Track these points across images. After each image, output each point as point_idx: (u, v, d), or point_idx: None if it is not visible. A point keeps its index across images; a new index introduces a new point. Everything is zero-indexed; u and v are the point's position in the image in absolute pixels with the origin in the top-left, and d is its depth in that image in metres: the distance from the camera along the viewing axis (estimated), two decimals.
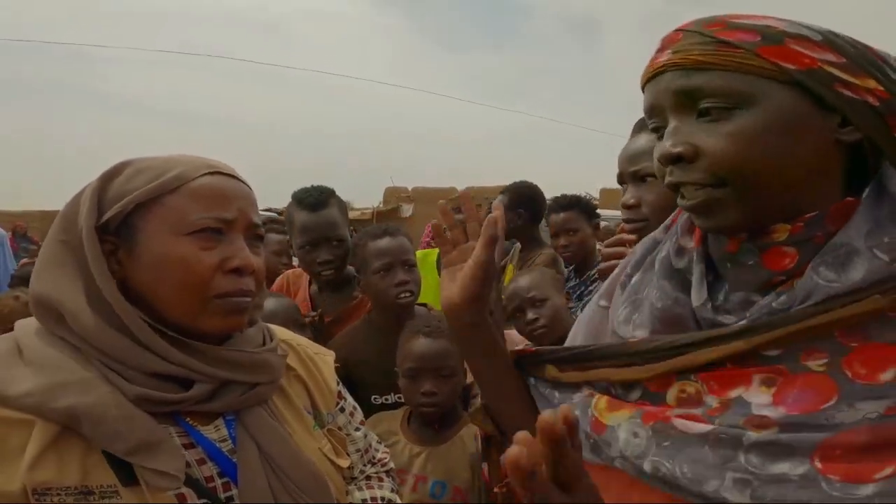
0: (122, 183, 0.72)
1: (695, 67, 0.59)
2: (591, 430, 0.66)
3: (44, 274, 0.71)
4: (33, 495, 0.60)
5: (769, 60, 0.57)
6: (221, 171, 0.75)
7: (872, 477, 0.50)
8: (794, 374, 0.56)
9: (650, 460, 0.60)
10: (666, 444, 0.60)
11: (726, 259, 0.64)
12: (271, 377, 0.78)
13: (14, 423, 0.62)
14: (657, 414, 0.62)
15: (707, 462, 0.57)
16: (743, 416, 0.57)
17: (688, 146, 0.60)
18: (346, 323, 1.67)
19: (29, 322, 0.72)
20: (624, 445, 0.62)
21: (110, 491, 0.63)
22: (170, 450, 0.66)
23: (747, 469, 0.54)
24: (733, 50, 0.58)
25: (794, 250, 0.59)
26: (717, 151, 0.59)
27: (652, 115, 0.65)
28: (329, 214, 1.68)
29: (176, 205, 0.70)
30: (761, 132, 0.57)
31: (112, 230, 0.71)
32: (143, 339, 0.68)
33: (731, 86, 0.58)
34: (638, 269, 0.75)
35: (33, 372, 0.65)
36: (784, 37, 0.57)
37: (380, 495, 0.93)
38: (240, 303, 0.72)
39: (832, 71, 0.57)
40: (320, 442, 0.83)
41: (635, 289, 0.72)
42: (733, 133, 0.58)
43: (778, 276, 0.60)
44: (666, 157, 0.61)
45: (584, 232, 2.18)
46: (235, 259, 0.71)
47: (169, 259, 0.69)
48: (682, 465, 0.58)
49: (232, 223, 0.73)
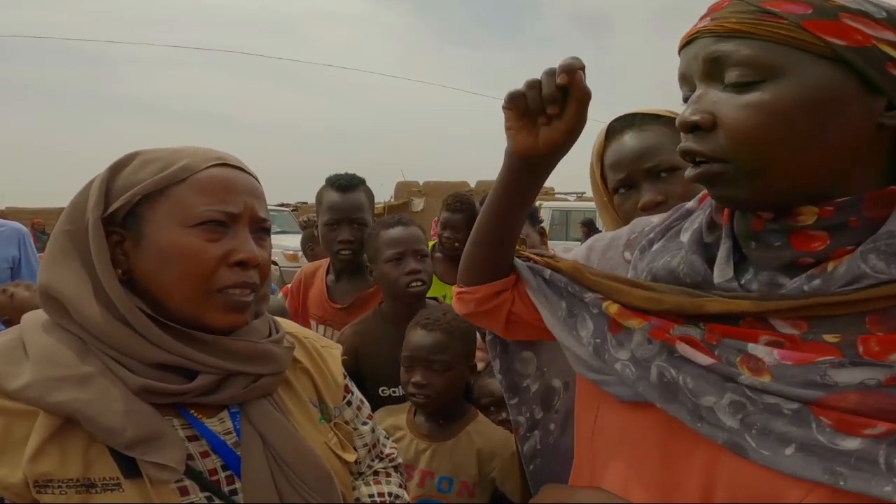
0: (129, 174, 0.71)
1: (727, 35, 0.57)
2: (607, 329, 0.67)
3: (50, 266, 0.70)
4: (34, 487, 0.60)
5: (812, 34, 0.54)
6: (228, 163, 0.74)
7: (862, 432, 0.50)
8: (805, 342, 0.55)
9: (657, 365, 0.61)
10: (672, 360, 0.61)
11: (751, 237, 0.61)
12: (276, 368, 0.77)
13: (17, 413, 0.62)
14: (662, 333, 0.62)
15: (709, 380, 0.58)
16: (739, 353, 0.57)
17: (706, 115, 0.58)
18: (362, 310, 1.69)
19: (35, 315, 0.72)
20: (636, 347, 0.63)
21: (113, 484, 0.62)
22: (171, 442, 0.65)
23: (745, 393, 0.55)
24: (774, 20, 0.55)
25: (824, 234, 0.56)
26: (734, 122, 0.56)
27: (683, 82, 0.63)
28: (356, 197, 1.76)
29: (182, 196, 0.70)
30: (786, 107, 0.54)
31: (119, 221, 0.71)
32: (142, 329, 0.67)
33: (760, 55, 0.55)
34: (660, 235, 0.72)
35: (34, 366, 0.64)
36: (839, 11, 0.54)
37: (387, 491, 0.92)
38: (242, 301, 0.72)
39: (887, 50, 0.53)
40: (326, 436, 0.82)
41: (653, 257, 0.69)
42: (754, 104, 0.55)
43: (805, 256, 0.57)
44: (683, 125, 0.59)
45: (532, 238, 1.96)
46: (240, 252, 0.71)
47: (174, 250, 0.69)
48: (685, 376, 0.59)
49: (237, 216, 0.72)
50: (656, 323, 0.63)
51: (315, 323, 1.83)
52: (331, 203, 1.76)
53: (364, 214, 1.75)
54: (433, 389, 1.26)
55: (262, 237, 0.76)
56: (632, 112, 1.04)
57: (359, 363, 1.46)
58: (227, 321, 0.71)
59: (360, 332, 1.54)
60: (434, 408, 1.30)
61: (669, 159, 0.97)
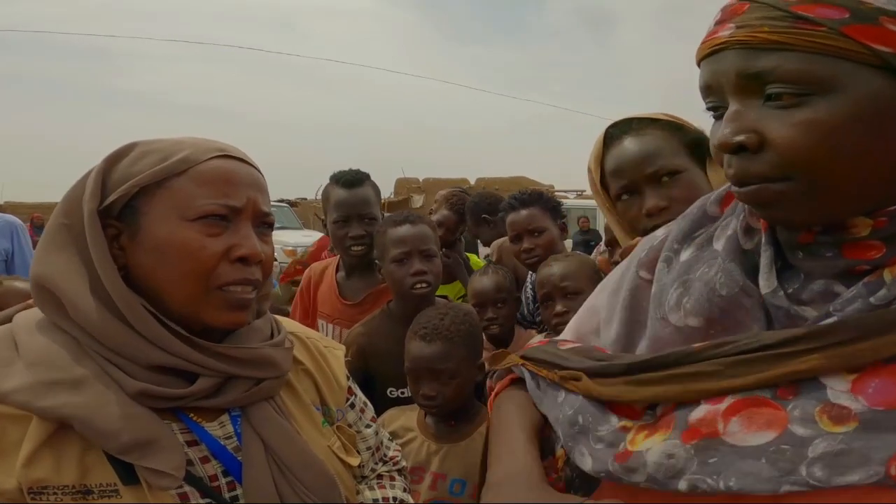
0: (127, 165, 0.68)
1: (763, 47, 0.52)
2: (612, 461, 0.58)
3: (44, 257, 0.67)
4: (29, 494, 0.58)
5: (857, 41, 0.50)
6: (231, 154, 0.71)
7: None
8: (885, 364, 0.49)
9: (687, 479, 0.52)
10: (712, 460, 0.52)
11: (798, 248, 0.57)
12: (276, 372, 0.74)
13: (11, 418, 0.60)
14: (701, 429, 0.53)
15: (761, 476, 0.49)
16: (818, 401, 0.49)
17: (752, 135, 0.53)
18: (373, 306, 1.67)
19: (29, 314, 0.70)
20: (654, 469, 0.54)
21: (110, 490, 0.60)
22: (169, 447, 0.63)
23: (808, 483, 0.48)
24: (813, 27, 0.51)
25: (880, 244, 0.53)
26: (787, 142, 0.51)
27: (709, 93, 0.58)
28: (363, 193, 1.73)
29: (182, 189, 0.67)
30: (843, 123, 0.50)
31: (115, 214, 0.68)
32: (143, 329, 0.64)
33: (806, 69, 0.51)
34: (686, 243, 0.67)
35: (25, 367, 0.62)
36: (879, 14, 0.50)
37: (391, 495, 0.90)
38: (243, 298, 0.69)
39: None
40: (329, 439, 0.80)
41: (686, 268, 0.64)
42: (807, 122, 0.51)
43: (862, 264, 0.53)
44: (726, 146, 0.54)
45: (551, 231, 1.80)
46: (242, 248, 0.68)
47: (172, 245, 0.66)
48: (727, 479, 0.50)
49: (239, 210, 0.69)
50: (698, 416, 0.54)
51: (325, 322, 1.80)
52: (338, 200, 1.73)
53: (373, 209, 1.73)
54: (443, 398, 1.24)
55: (265, 232, 0.74)
56: (628, 117, 1.04)
57: (367, 364, 1.45)
58: (228, 319, 0.69)
59: (367, 332, 1.51)
60: (446, 413, 1.28)
61: (670, 163, 0.96)
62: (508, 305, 1.70)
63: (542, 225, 1.80)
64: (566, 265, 1.45)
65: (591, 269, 1.48)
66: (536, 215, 1.81)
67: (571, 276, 1.42)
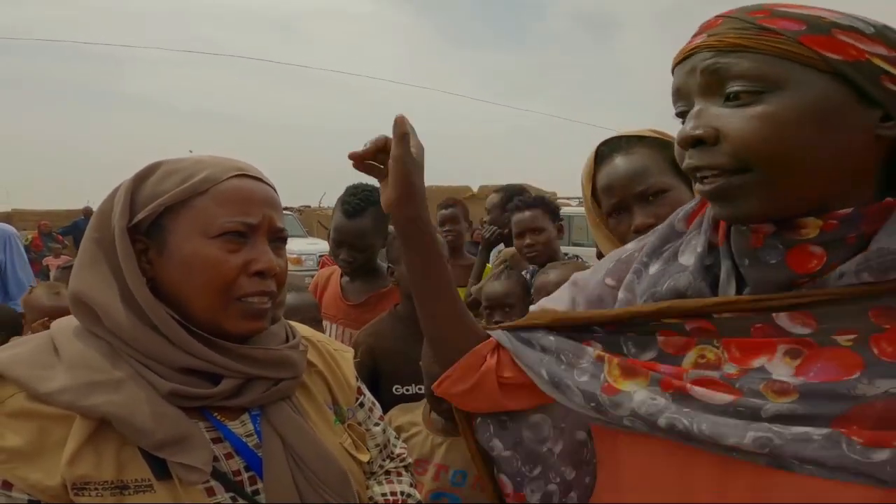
0: (153, 184, 0.74)
1: (728, 49, 0.57)
2: (600, 392, 0.66)
3: (80, 272, 0.73)
4: (73, 490, 0.62)
5: (810, 48, 0.55)
6: (248, 174, 0.77)
7: (892, 443, 0.51)
8: (822, 348, 0.56)
9: (666, 416, 0.60)
10: (686, 409, 0.60)
11: (746, 255, 0.61)
12: (293, 373, 0.80)
13: (55, 418, 0.64)
14: (673, 383, 0.62)
15: (728, 423, 0.57)
16: (762, 380, 0.57)
17: (709, 129, 0.58)
18: (375, 308, 1.78)
19: (66, 321, 0.75)
20: (639, 405, 0.62)
21: (145, 485, 0.64)
22: (199, 444, 0.68)
23: (770, 429, 0.55)
24: (774, 35, 0.56)
25: (821, 251, 0.57)
26: (742, 133, 0.56)
27: (678, 98, 0.63)
28: (359, 224, 1.81)
29: (204, 208, 0.72)
30: (792, 118, 0.55)
31: (143, 230, 0.73)
32: (171, 335, 0.70)
33: (763, 68, 0.56)
34: (654, 257, 0.73)
35: (67, 370, 0.67)
36: (832, 27, 0.56)
37: (399, 490, 0.95)
38: (260, 308, 0.74)
39: (880, 64, 0.55)
40: (341, 436, 0.85)
41: (654, 281, 0.70)
42: (761, 115, 0.56)
43: (801, 278, 0.59)
44: (686, 140, 0.60)
45: (550, 232, 2.10)
46: (259, 262, 0.73)
47: (196, 260, 0.71)
48: (700, 424, 0.58)
49: (256, 227, 0.74)
50: (667, 370, 0.63)
51: (328, 322, 1.90)
52: (336, 225, 1.85)
53: (365, 240, 1.82)
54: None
55: (280, 246, 0.79)
56: (617, 135, 1.09)
57: (375, 362, 1.53)
58: (246, 328, 0.74)
59: (375, 332, 1.61)
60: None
61: (657, 182, 1.01)
62: (517, 310, 1.76)
63: (543, 225, 2.09)
64: (563, 273, 1.51)
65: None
66: (538, 216, 2.11)
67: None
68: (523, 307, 1.83)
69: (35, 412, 0.64)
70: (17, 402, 0.64)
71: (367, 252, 1.82)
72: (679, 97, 0.63)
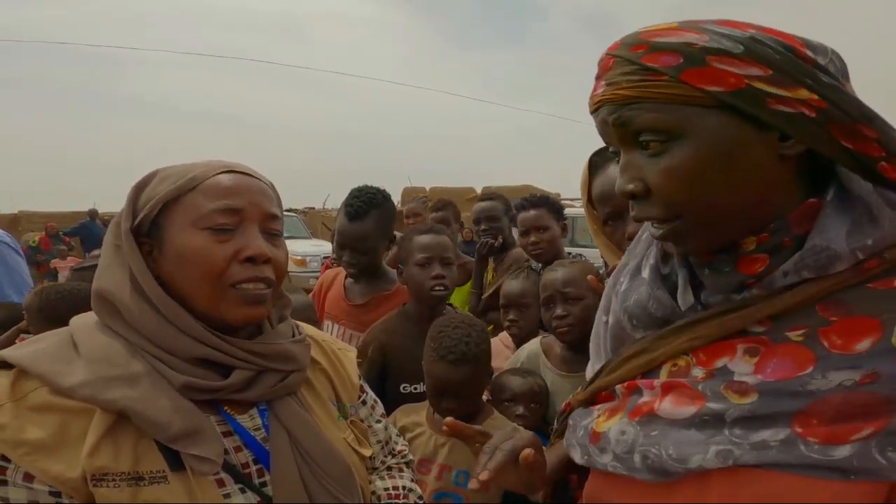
0: (150, 189, 0.79)
1: (624, 102, 0.59)
2: (588, 443, 0.70)
3: (102, 273, 0.78)
4: (92, 481, 0.64)
5: (693, 86, 0.55)
6: (235, 170, 0.80)
7: (849, 438, 0.53)
8: (776, 345, 0.59)
9: (639, 451, 0.63)
10: (654, 433, 0.62)
11: (703, 266, 0.66)
12: (297, 365, 0.83)
13: (76, 411, 0.67)
14: (642, 408, 0.65)
15: (692, 440, 0.59)
16: (724, 381, 0.60)
17: (638, 183, 0.61)
18: (377, 309, 1.81)
19: (84, 317, 0.79)
20: (615, 445, 0.65)
21: (159, 476, 0.67)
22: (211, 437, 0.71)
23: (730, 440, 0.57)
24: (658, 78, 0.56)
25: (764, 256, 0.62)
26: (661, 188, 0.60)
27: (605, 140, 0.66)
28: (362, 227, 1.80)
29: (193, 202, 0.76)
30: (698, 165, 0.57)
31: (146, 232, 0.78)
32: (182, 325, 0.74)
33: (659, 119, 0.57)
34: (625, 275, 0.77)
35: (87, 365, 0.70)
36: (705, 55, 0.55)
37: (401, 484, 0.98)
38: (257, 294, 0.77)
39: (762, 87, 0.54)
40: (344, 432, 0.88)
41: (624, 297, 0.74)
42: (671, 169, 0.58)
43: (751, 279, 0.63)
44: (623, 195, 0.63)
45: (554, 231, 2.17)
46: (248, 249, 0.76)
47: (188, 251, 0.75)
48: (667, 448, 0.60)
49: (243, 213, 0.77)
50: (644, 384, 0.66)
51: (331, 322, 1.92)
52: (340, 227, 1.87)
53: (368, 243, 1.82)
54: (463, 410, 1.34)
55: (275, 237, 0.81)
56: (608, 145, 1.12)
57: (385, 358, 1.57)
58: (245, 314, 0.77)
59: (386, 329, 1.64)
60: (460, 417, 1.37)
61: None
62: (531, 310, 1.79)
63: (547, 224, 2.16)
64: (569, 271, 1.52)
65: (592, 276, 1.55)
66: (543, 215, 2.17)
67: (573, 282, 1.48)
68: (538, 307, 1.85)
69: (58, 405, 0.67)
70: (39, 396, 0.67)
71: (371, 254, 1.84)
72: (607, 141, 0.66)
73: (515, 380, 1.48)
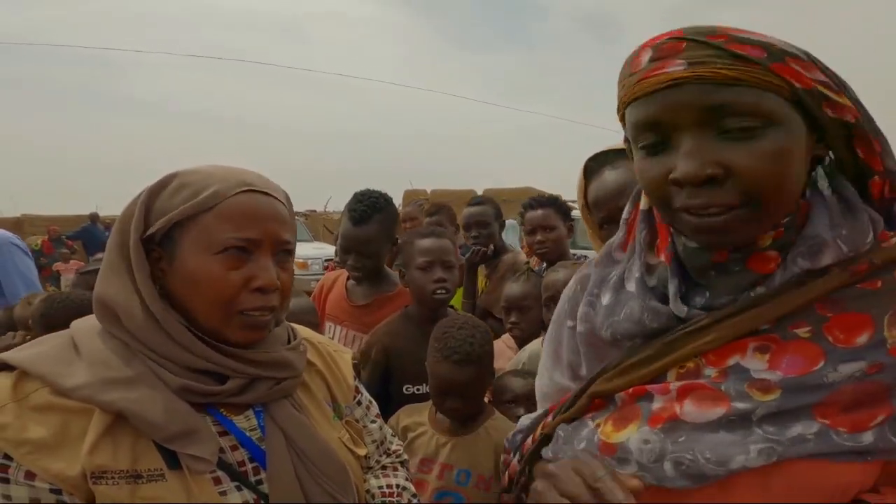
0: (166, 197, 0.77)
1: (721, 82, 0.57)
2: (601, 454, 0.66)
3: (104, 278, 0.78)
4: (91, 478, 0.66)
5: (783, 78, 0.57)
6: (255, 189, 0.78)
7: (869, 425, 0.58)
8: (786, 342, 0.62)
9: (669, 459, 0.61)
10: (681, 438, 0.61)
11: (710, 268, 0.66)
12: (293, 373, 0.84)
13: (75, 411, 0.69)
14: (662, 414, 0.63)
15: (726, 442, 0.60)
16: (745, 380, 0.62)
17: (718, 167, 0.58)
18: (379, 311, 1.82)
19: (85, 321, 0.80)
20: (638, 454, 0.63)
21: (157, 474, 0.69)
22: (206, 437, 0.72)
23: (768, 438, 0.59)
24: (752, 66, 0.57)
25: (776, 254, 0.64)
26: (754, 171, 0.57)
27: (655, 129, 0.61)
28: (365, 231, 1.81)
29: (208, 224, 0.75)
30: (789, 151, 0.59)
31: (157, 241, 0.77)
32: (181, 339, 0.75)
33: (760, 104, 0.57)
34: (602, 287, 0.76)
35: (87, 366, 0.71)
36: (784, 55, 0.58)
37: (395, 483, 1.00)
38: (260, 321, 0.78)
39: (823, 90, 0.59)
40: (339, 432, 0.90)
41: (609, 311, 0.73)
42: (768, 152, 0.57)
43: (763, 277, 0.64)
44: (696, 179, 0.58)
45: (560, 230, 2.18)
46: (259, 279, 0.76)
47: (200, 276, 0.75)
48: (703, 452, 0.60)
49: (258, 242, 0.77)
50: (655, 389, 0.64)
51: (332, 324, 1.93)
52: (343, 232, 1.88)
53: (370, 247, 1.82)
54: (468, 410, 1.36)
55: (285, 259, 0.82)
56: (603, 150, 1.12)
57: (388, 359, 1.59)
58: (246, 338, 0.78)
59: (389, 331, 1.66)
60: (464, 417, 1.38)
61: None
62: (533, 312, 1.81)
63: (554, 223, 2.18)
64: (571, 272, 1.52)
65: None
66: (550, 215, 2.19)
67: None
68: (539, 309, 1.84)
69: (59, 406, 0.69)
70: (41, 397, 0.69)
71: (375, 258, 1.85)
72: (657, 128, 0.61)
73: (517, 381, 1.50)
